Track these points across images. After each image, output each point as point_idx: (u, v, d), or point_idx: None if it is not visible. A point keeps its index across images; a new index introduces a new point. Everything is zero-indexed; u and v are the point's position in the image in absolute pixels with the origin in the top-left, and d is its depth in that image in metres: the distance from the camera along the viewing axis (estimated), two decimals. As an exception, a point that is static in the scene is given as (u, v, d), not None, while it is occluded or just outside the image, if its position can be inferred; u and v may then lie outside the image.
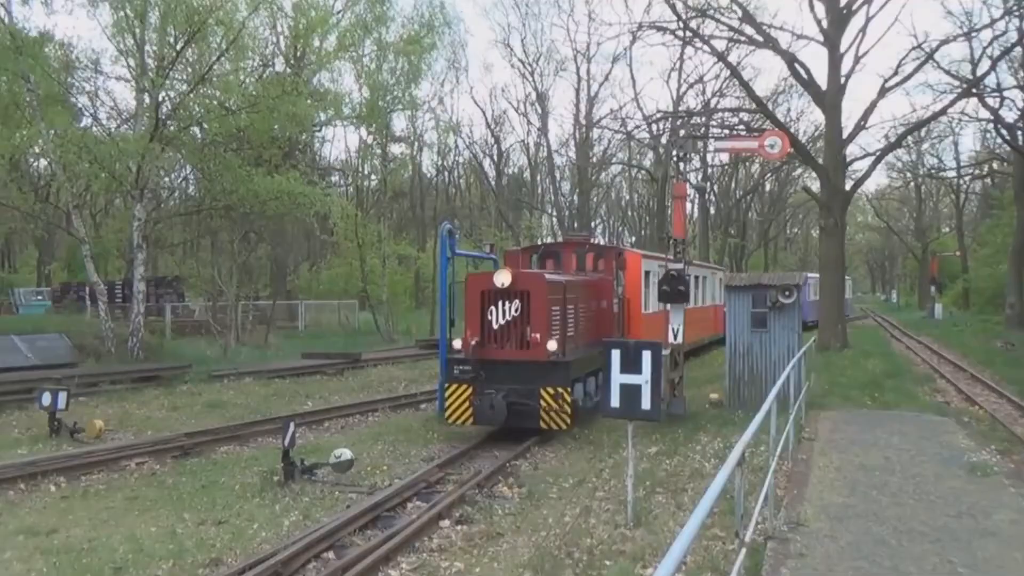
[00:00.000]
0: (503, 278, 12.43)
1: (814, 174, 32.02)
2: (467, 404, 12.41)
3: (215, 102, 22.87)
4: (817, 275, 30.59)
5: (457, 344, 12.70)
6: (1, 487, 10.02)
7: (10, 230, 40.19)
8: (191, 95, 22.34)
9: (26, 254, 56.11)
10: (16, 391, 16.46)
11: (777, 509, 7.32)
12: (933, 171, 57.36)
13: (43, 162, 35.16)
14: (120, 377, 19.05)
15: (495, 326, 12.58)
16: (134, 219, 22.69)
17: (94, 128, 24.15)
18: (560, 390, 12.06)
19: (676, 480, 9.78)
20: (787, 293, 14.50)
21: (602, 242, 25.98)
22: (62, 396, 13.35)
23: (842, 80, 25.89)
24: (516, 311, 12.49)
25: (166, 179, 33.61)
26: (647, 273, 19.02)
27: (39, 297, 37.85)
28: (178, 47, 22.06)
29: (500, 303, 12.59)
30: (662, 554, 4.27)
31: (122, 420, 14.93)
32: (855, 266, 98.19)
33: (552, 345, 12.17)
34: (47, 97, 21.80)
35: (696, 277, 23.39)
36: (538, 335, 12.28)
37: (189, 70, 23.19)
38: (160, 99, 22.21)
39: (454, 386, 12.59)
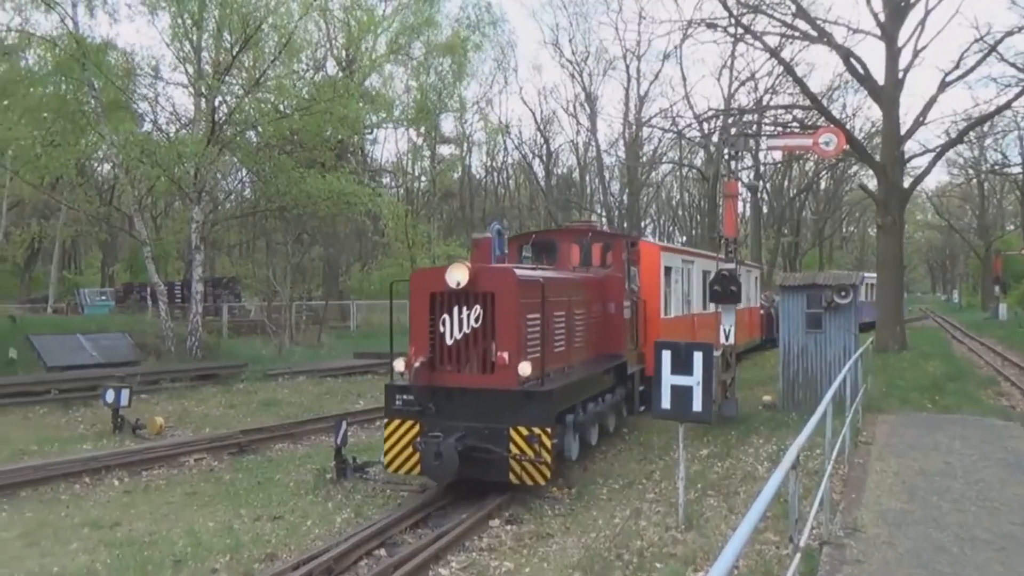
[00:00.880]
0: (458, 275, 9.18)
1: (871, 171, 31.25)
2: (412, 448, 9.21)
3: (269, 105, 23.36)
4: (874, 275, 29.84)
5: (399, 365, 9.42)
6: (68, 481, 10.40)
7: (76, 233, 41.63)
8: (246, 99, 22.86)
9: (91, 256, 58.01)
10: (82, 388, 17.06)
11: (833, 514, 7.17)
12: (997, 167, 55.36)
13: (107, 166, 36.34)
14: (179, 375, 19.60)
15: (448, 341, 9.36)
16: (192, 221, 23.30)
17: (154, 133, 24.87)
18: (537, 431, 8.81)
19: (728, 483, 9.65)
20: (843, 293, 14.18)
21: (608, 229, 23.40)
22: (125, 393, 13.79)
23: (900, 75, 25.21)
24: (477, 321, 9.28)
25: (223, 182, 34.43)
26: (668, 269, 16.24)
27: (103, 297, 39.11)
28: (233, 52, 22.60)
29: (455, 310, 9.35)
30: (714, 557, 4.22)
31: (181, 417, 15.35)
32: (914, 265, 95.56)
33: (525, 368, 8.94)
34: (110, 103, 22.55)
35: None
36: (506, 354, 9.05)
37: (244, 75, 23.73)
38: (216, 103, 22.78)
39: (395, 423, 9.41)
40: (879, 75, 25.52)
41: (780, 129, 28.33)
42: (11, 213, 34.14)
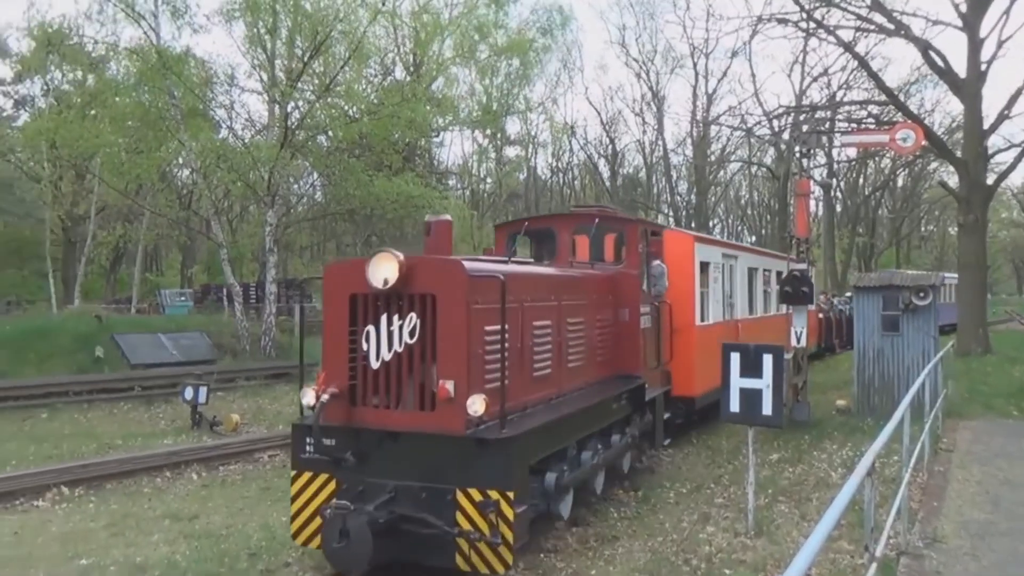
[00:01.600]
0: (384, 270, 6.52)
1: (951, 168, 30.07)
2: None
3: (339, 110, 23.91)
4: (954, 275, 28.69)
5: (308, 397, 6.80)
6: (150, 474, 10.85)
7: (158, 236, 43.37)
8: (317, 104, 23.44)
9: (171, 258, 60.38)
10: (163, 385, 17.79)
11: (911, 523, 6.94)
12: (1089, 162, 52.54)
13: (185, 172, 37.75)
14: (254, 373, 20.23)
15: (374, 363, 6.66)
16: (266, 224, 24.02)
17: (230, 139, 25.73)
18: (494, 495, 6.16)
19: (800, 489, 9.44)
20: (922, 294, 13.69)
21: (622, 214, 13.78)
22: (203, 391, 14.31)
23: (983, 67, 24.16)
24: (412, 335, 6.58)
25: (295, 185, 35.38)
26: (704, 265, 13.22)
27: (183, 298, 40.64)
28: (305, 59, 23.21)
29: (384, 320, 6.64)
30: (785, 565, 4.15)
31: (256, 414, 15.84)
32: (998, 266, 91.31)
33: (477, 404, 6.24)
34: (189, 111, 23.44)
35: (762, 272, 17.17)
36: (450, 383, 6.37)
37: (315, 81, 24.33)
38: (289, 109, 23.44)
39: (305, 476, 6.76)
40: (960, 67, 24.53)
41: (854, 125, 27.48)
42: (98, 217, 35.78)
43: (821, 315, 25.93)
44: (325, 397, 6.68)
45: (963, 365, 20.26)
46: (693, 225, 48.28)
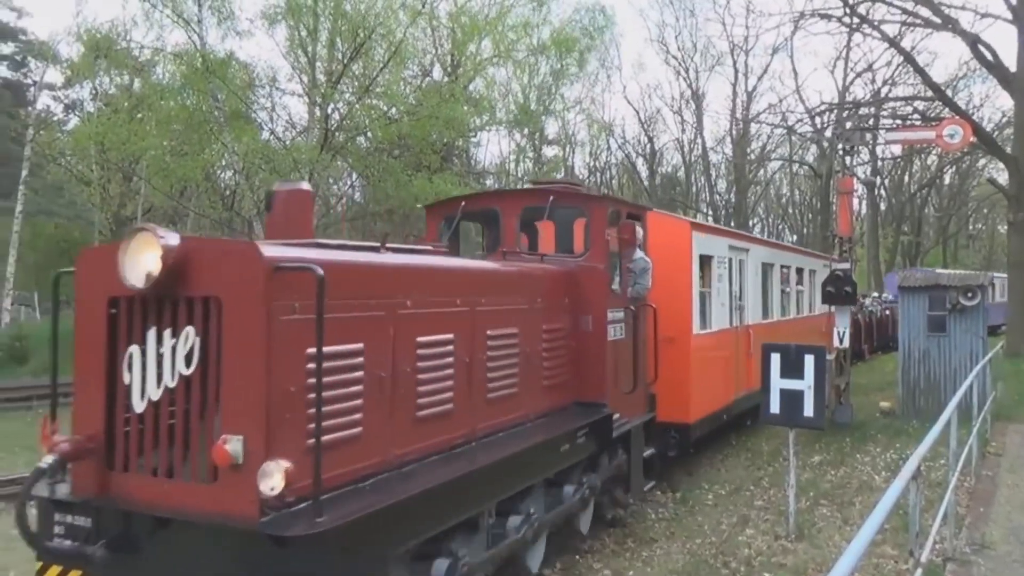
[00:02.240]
0: (145, 260, 4.15)
1: (1001, 165, 29.31)
2: None
3: (378, 112, 24.15)
4: (1003, 275, 27.97)
5: (48, 458, 4.28)
6: None
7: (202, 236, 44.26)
8: (357, 106, 23.70)
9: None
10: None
11: (958, 528, 6.79)
12: None
13: (228, 173, 38.47)
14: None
15: (138, 405, 4.31)
16: (306, 224, 24.34)
17: (272, 140, 26.13)
18: None
19: (842, 492, 9.29)
20: (970, 294, 13.38)
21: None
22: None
23: (1035, 60, 23.51)
24: (188, 362, 4.19)
25: (334, 186, 35.80)
26: (706, 260, 10.92)
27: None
28: (345, 61, 23.48)
29: (150, 335, 4.31)
30: (827, 569, 4.09)
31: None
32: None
33: (273, 477, 3.81)
34: (232, 113, 23.85)
35: (779, 269, 14.61)
36: (236, 441, 3.95)
37: (355, 83, 24.60)
38: (329, 111, 23.74)
39: (53, 572, 4.34)
40: (1011, 61, 23.90)
41: (900, 122, 26.94)
42: (144, 219, 36.62)
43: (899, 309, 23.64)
44: (66, 447, 4.27)
45: (1013, 367, 19.74)
46: (732, 224, 47.68)
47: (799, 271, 16.05)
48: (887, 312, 27.28)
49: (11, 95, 40.29)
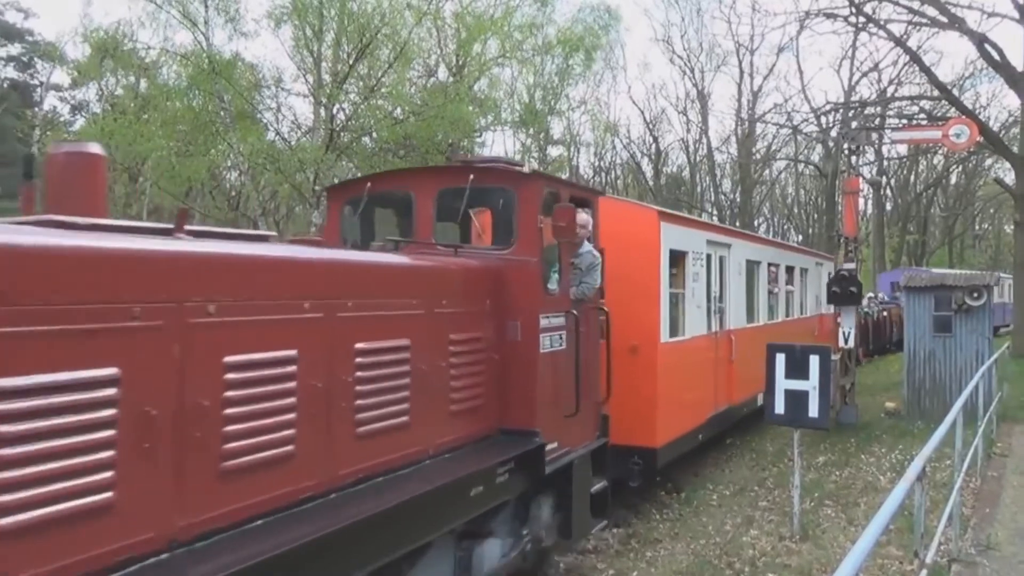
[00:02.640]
0: None
1: (1008, 164, 29.22)
2: None
3: (384, 112, 24.19)
4: (1008, 275, 27.89)
5: None
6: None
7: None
8: (362, 106, 23.75)
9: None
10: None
11: (963, 529, 6.78)
12: None
13: (233, 174, 38.58)
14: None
15: None
16: (312, 225, 24.39)
17: (277, 141, 26.19)
18: None
19: (847, 493, 9.28)
20: (975, 295, 13.34)
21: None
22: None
23: (1042, 59, 23.45)
24: None
25: (339, 186, 35.90)
26: (678, 256, 9.51)
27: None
28: (350, 61, 23.53)
29: None
30: (832, 570, 4.09)
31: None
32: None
33: None
34: (238, 114, 23.92)
35: (766, 267, 13.50)
36: None
37: (361, 83, 24.64)
38: (335, 111, 23.79)
39: None
40: (1017, 60, 23.85)
41: (906, 122, 26.88)
42: (150, 218, 36.74)
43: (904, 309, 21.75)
44: None
45: (1019, 368, 19.69)
46: (737, 224, 47.60)
47: (789, 270, 15.04)
48: (884, 314, 26.63)
49: (18, 96, 40.42)
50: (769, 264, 13.59)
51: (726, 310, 11.19)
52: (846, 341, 13.55)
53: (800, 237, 63.01)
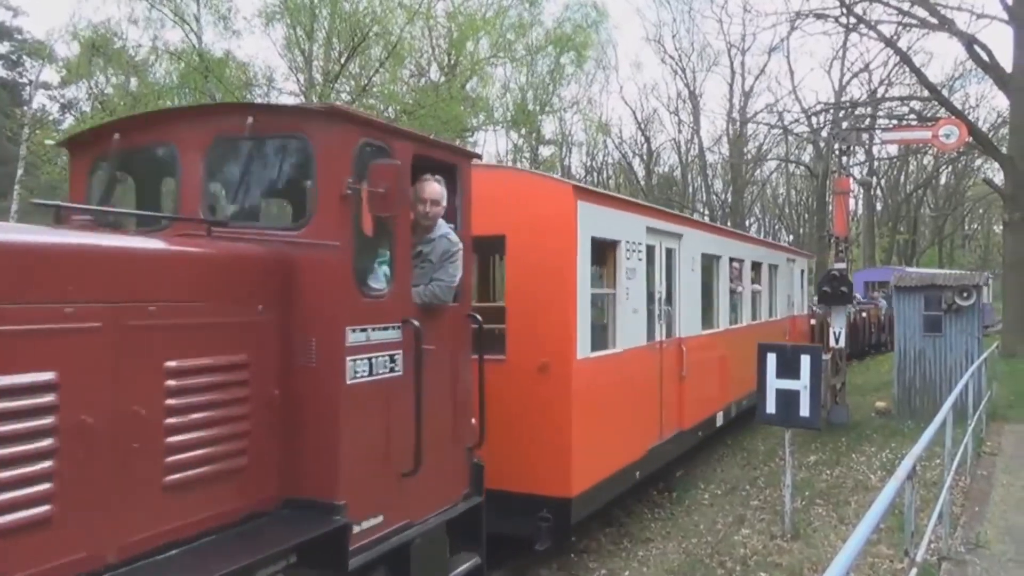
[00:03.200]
0: None
1: (997, 164, 29.40)
2: None
3: (376, 112, 24.16)
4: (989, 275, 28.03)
5: None
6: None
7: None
8: (354, 105, 23.70)
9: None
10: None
11: (953, 528, 6.81)
12: None
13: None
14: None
15: None
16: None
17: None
18: None
19: (838, 492, 9.31)
20: (965, 294, 13.40)
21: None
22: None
23: (1031, 60, 23.58)
24: None
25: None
26: (604, 245, 7.59)
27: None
28: (342, 60, 23.49)
29: None
30: (822, 569, 4.10)
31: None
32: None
33: None
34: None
35: (728, 263, 11.79)
36: None
37: (352, 82, 24.61)
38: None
39: None
40: (1006, 62, 23.98)
41: (896, 122, 27.00)
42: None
43: (814, 321, 18.51)
44: None
45: (1008, 367, 19.80)
46: (729, 224, 47.63)
47: (756, 266, 13.42)
48: (863, 314, 25.48)
49: (7, 94, 40.16)
50: (732, 260, 11.92)
51: (675, 314, 9.23)
52: (836, 341, 13.60)
53: (791, 237, 63.23)
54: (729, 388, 11.33)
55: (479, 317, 5.31)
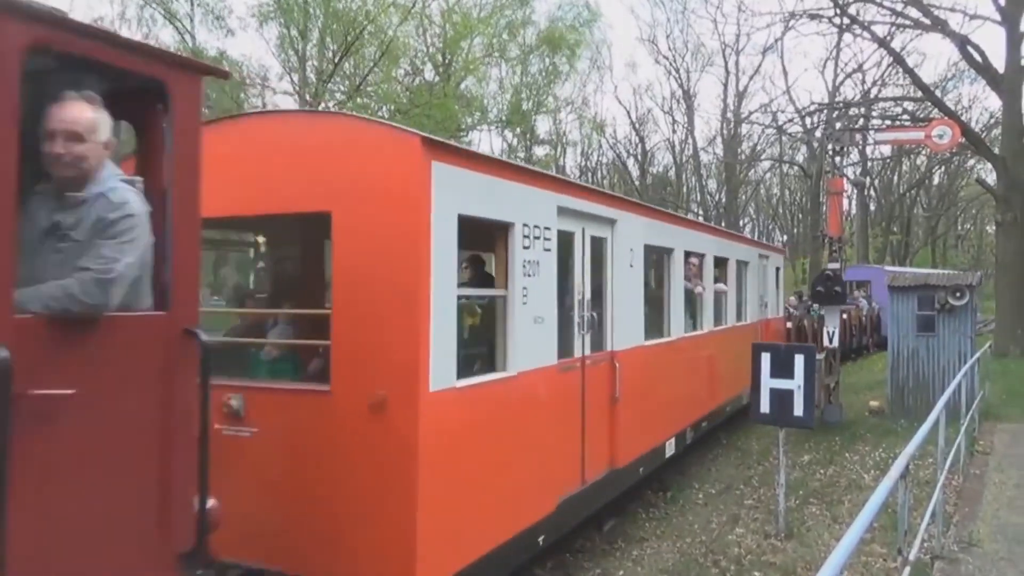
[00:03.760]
0: None
1: (990, 165, 29.53)
2: None
3: (371, 112, 24.13)
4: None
5: None
6: None
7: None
8: (348, 104, 23.66)
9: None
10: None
11: (946, 527, 6.83)
12: None
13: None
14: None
15: None
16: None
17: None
18: None
19: (832, 491, 9.32)
20: (958, 294, 13.45)
21: None
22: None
23: (1022, 61, 23.68)
24: None
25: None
26: (485, 228, 5.61)
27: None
28: (335, 60, 23.45)
29: None
30: (816, 568, 4.11)
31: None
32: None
33: None
34: (223, 112, 23.78)
35: (705, 261, 10.83)
36: None
37: (346, 82, 24.58)
38: (320, 110, 23.73)
39: None
40: (999, 63, 24.07)
41: (889, 123, 27.12)
42: (133, 217, 36.46)
43: (790, 323, 17.81)
44: None
45: (1001, 366, 19.87)
46: (723, 224, 47.63)
47: (721, 263, 11.74)
48: (843, 316, 24.38)
49: (-1, 93, 40.02)
50: (689, 254, 10.06)
51: (607, 322, 7.39)
52: (830, 340, 13.63)
53: (785, 237, 63.40)
54: (684, 409, 9.62)
55: (204, 336, 3.15)
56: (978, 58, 24.30)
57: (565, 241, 6.56)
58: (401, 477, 4.49)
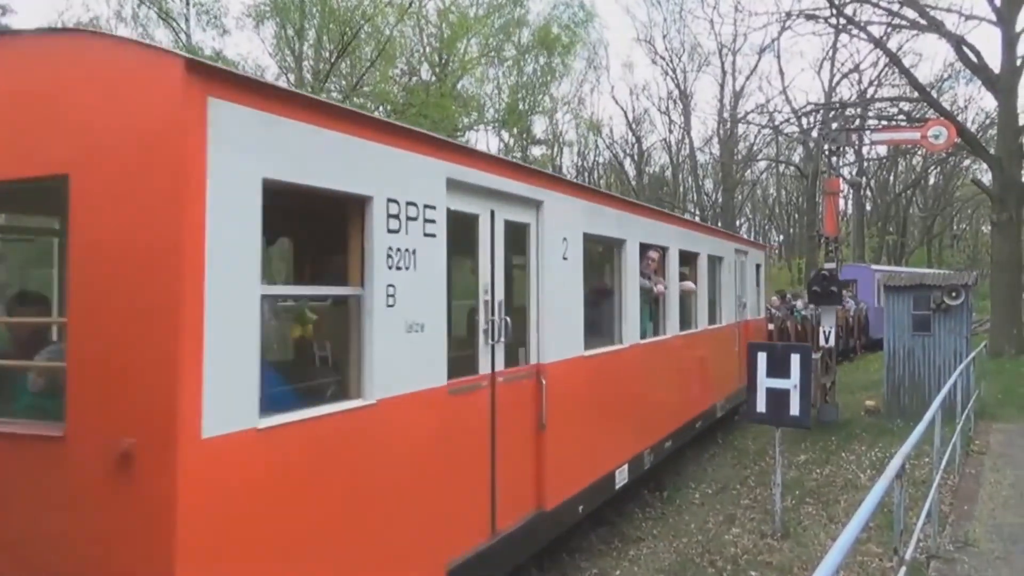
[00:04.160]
0: None
1: (985, 165, 29.62)
2: None
3: (366, 110, 24.15)
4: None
5: None
6: None
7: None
8: (344, 104, 23.70)
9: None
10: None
11: (942, 526, 6.84)
12: None
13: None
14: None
15: None
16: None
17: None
18: None
19: (828, 491, 9.33)
20: (954, 294, 13.48)
21: None
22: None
23: (1018, 62, 23.76)
24: None
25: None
26: (319, 199, 3.99)
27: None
28: (332, 60, 23.43)
29: None
30: (812, 567, 4.11)
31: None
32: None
33: None
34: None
35: (670, 255, 9.40)
36: None
37: (343, 81, 24.56)
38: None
39: None
40: (995, 63, 24.15)
41: (885, 123, 27.15)
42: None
43: (772, 324, 16.84)
44: None
45: (996, 366, 19.92)
46: (719, 224, 47.67)
47: (690, 258, 10.37)
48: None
49: (-6, 92, 39.93)
50: (646, 247, 8.63)
51: (531, 329, 6.01)
52: (827, 340, 13.65)
53: (781, 237, 63.47)
54: (641, 429, 8.18)
55: None
56: (974, 58, 24.36)
57: (462, 225, 5.06)
58: (149, 565, 3.02)
